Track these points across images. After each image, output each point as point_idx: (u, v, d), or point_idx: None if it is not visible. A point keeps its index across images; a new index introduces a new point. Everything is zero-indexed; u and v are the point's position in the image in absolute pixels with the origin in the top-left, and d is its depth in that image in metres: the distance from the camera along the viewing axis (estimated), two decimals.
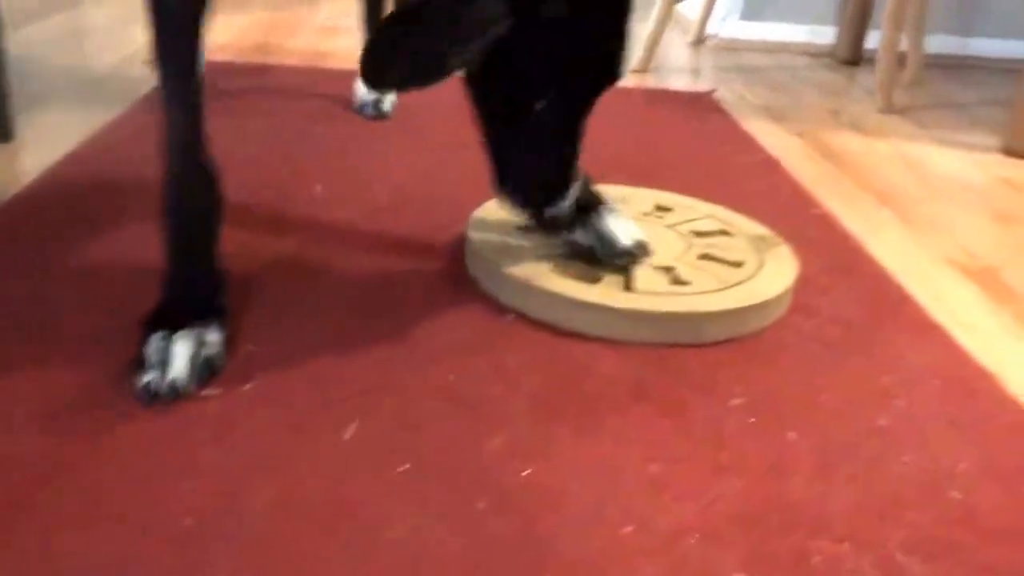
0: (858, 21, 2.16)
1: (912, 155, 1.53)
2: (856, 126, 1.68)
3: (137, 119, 1.36)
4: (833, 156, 1.49)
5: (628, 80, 1.87)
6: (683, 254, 0.98)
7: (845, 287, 1.00)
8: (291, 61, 1.81)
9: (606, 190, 0.99)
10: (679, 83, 1.89)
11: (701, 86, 1.86)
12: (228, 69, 1.69)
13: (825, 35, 2.26)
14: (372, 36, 0.71)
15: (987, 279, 1.08)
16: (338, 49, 1.95)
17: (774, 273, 0.95)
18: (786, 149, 1.50)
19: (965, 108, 1.89)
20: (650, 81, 1.88)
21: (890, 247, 1.14)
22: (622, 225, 0.94)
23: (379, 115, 1.48)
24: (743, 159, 1.41)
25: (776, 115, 1.70)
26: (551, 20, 0.79)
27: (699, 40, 2.26)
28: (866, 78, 2.06)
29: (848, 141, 1.58)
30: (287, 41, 1.99)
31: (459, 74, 0.82)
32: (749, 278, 0.94)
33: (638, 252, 0.93)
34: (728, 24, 2.27)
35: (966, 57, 2.31)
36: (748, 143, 1.50)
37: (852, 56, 2.18)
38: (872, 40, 2.16)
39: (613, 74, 0.84)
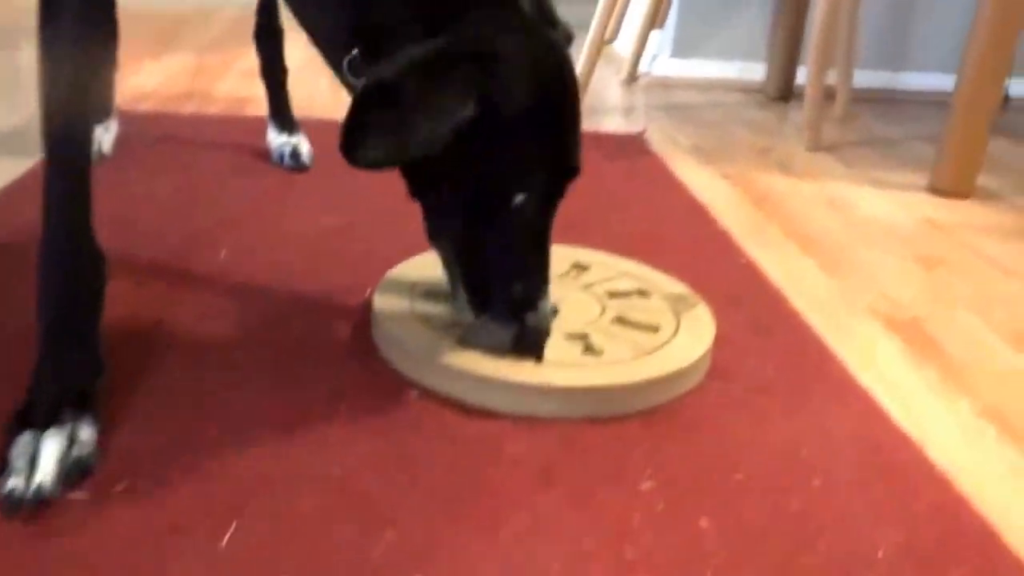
0: (787, 57, 2.17)
1: (838, 196, 1.52)
2: (784, 166, 1.67)
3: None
4: (760, 199, 1.48)
5: None
6: (597, 319, 0.94)
7: (766, 347, 0.97)
8: (215, 108, 1.75)
9: None
10: (611, 123, 1.88)
11: (632, 127, 1.84)
12: (146, 119, 1.63)
13: (756, 71, 2.27)
14: (350, 113, 0.70)
15: (911, 331, 1.06)
16: (261, 94, 1.91)
17: (691, 337, 0.92)
18: (714, 192, 1.48)
19: (894, 144, 1.90)
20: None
21: (814, 298, 1.12)
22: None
23: (298, 166, 1.43)
24: (670, 205, 1.39)
25: (705, 156, 1.69)
26: (521, 116, 0.77)
27: (632, 78, 2.26)
28: (797, 114, 2.06)
29: (775, 182, 1.57)
30: (214, 86, 1.94)
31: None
32: (664, 344, 0.90)
33: (544, 333, 0.85)
34: (660, 62, 2.27)
35: (897, 91, 2.33)
36: (676, 188, 1.48)
37: (782, 92, 2.19)
38: (803, 75, 2.16)
39: (572, 169, 0.82)
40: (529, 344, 0.84)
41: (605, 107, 2.02)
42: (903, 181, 1.63)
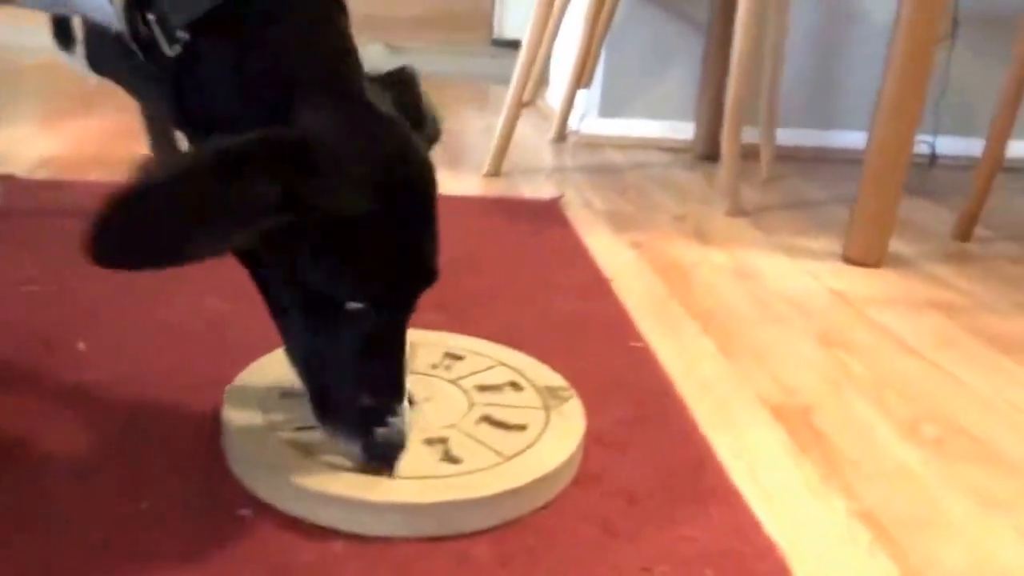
0: (714, 116, 2.17)
1: (749, 266, 1.50)
2: (700, 233, 1.65)
3: None
4: (666, 271, 1.45)
5: (474, 186, 1.82)
6: (461, 418, 0.90)
7: (642, 445, 0.94)
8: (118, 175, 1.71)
9: None
10: (531, 186, 1.86)
11: (550, 191, 1.82)
12: (39, 187, 1.58)
13: (685, 131, 2.26)
14: (101, 212, 0.61)
15: (798, 421, 1.03)
16: None
17: (557, 438, 0.88)
18: (621, 264, 1.46)
19: (816, 207, 1.89)
20: (499, 186, 1.84)
21: (704, 386, 1.09)
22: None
23: None
24: (572, 280, 1.36)
25: (619, 224, 1.67)
26: (351, 218, 0.69)
27: (560, 137, 2.25)
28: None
29: (686, 252, 1.55)
30: (129, 149, 1.90)
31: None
32: (529, 447, 0.86)
33: (396, 448, 0.79)
34: (588, 121, 2.26)
35: (827, 150, 2.34)
36: (581, 260, 1.45)
37: (710, 152, 2.18)
38: None
39: (425, 276, 0.75)
40: (379, 459, 0.78)
41: (528, 168, 2.00)
42: (819, 248, 1.62)
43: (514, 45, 3.03)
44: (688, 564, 0.77)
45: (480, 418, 0.91)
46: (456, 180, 1.86)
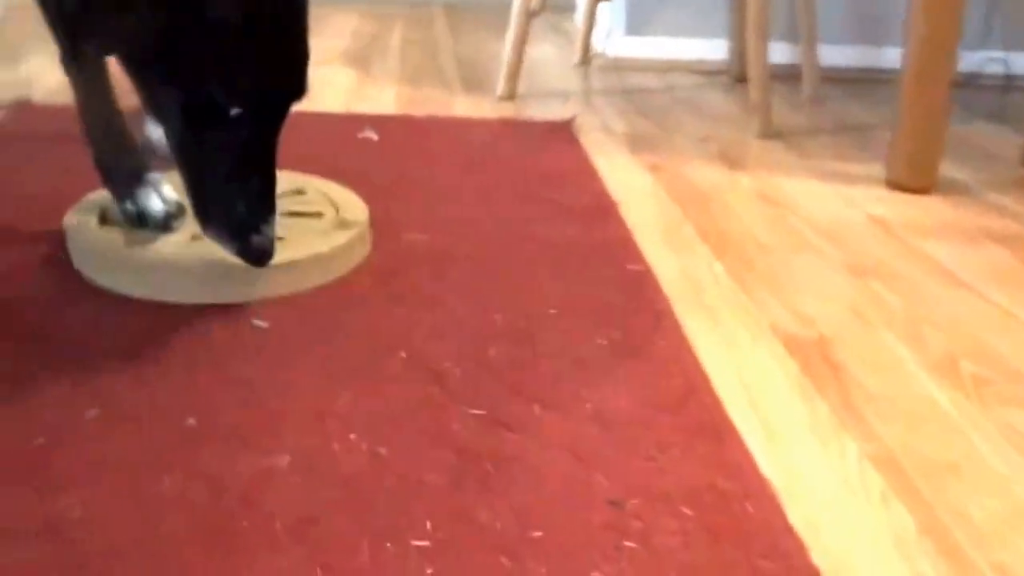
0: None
1: (779, 191, 1.35)
2: (726, 156, 1.50)
3: None
4: (684, 195, 1.31)
5: (486, 110, 1.69)
6: None
7: (625, 371, 0.82)
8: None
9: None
10: (546, 110, 1.72)
11: (568, 113, 1.68)
12: (49, 112, 1.50)
13: (719, 50, 2.08)
14: None
15: (813, 354, 0.90)
16: None
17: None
18: (633, 188, 1.32)
19: (862, 131, 1.71)
20: (512, 110, 1.70)
21: (709, 313, 0.96)
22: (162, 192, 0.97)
23: None
24: (573, 202, 1.23)
25: (636, 146, 1.52)
26: (221, 22, 0.76)
27: (584, 60, 2.09)
28: None
29: (710, 175, 1.40)
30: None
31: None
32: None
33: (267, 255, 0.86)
34: (613, 41, 2.09)
35: (881, 70, 2.13)
36: (588, 182, 1.32)
37: (745, 73, 2.00)
38: (775, 54, 1.98)
39: (294, 88, 0.82)
40: (253, 262, 0.86)
41: (547, 92, 1.86)
42: (861, 173, 1.46)
43: None
44: (663, 499, 0.65)
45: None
46: (469, 103, 1.73)
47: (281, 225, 0.90)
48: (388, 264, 1.01)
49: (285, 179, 1.07)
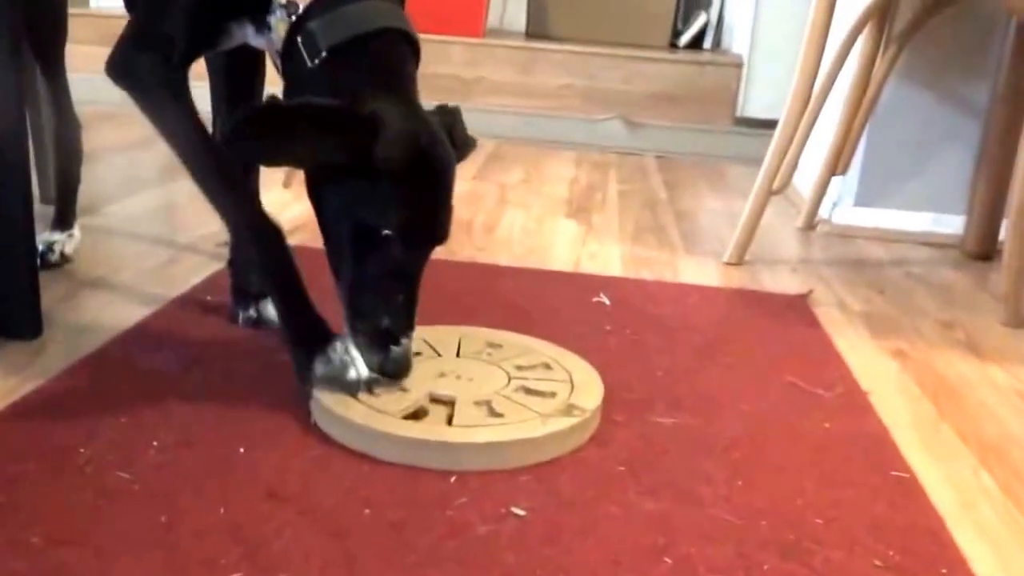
0: (989, 210, 1.94)
1: None
2: (972, 346, 1.45)
3: (172, 315, 1.33)
4: (935, 389, 1.27)
5: (713, 273, 1.72)
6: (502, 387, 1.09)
7: None
8: None
9: None
10: (776, 278, 1.73)
11: (796, 285, 1.68)
12: None
13: (952, 224, 2.04)
14: (243, 116, 0.96)
15: None
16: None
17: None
18: (880, 376, 1.30)
19: None
20: (740, 276, 1.72)
21: (983, 532, 0.92)
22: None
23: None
24: (823, 390, 1.22)
25: (876, 327, 1.50)
26: (395, 172, 0.98)
27: (809, 225, 2.09)
28: (999, 277, 1.82)
29: (958, 367, 1.36)
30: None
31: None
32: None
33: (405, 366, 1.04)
34: (841, 210, 2.09)
35: None
36: (835, 368, 1.31)
37: (983, 250, 1.95)
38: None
39: (437, 234, 1.03)
40: (392, 372, 1.02)
41: (772, 258, 1.87)
42: None
43: (759, 124, 2.92)
44: None
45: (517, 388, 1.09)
46: (695, 265, 1.77)
47: (511, 401, 1.04)
48: (638, 449, 1.03)
49: (536, 348, 1.21)
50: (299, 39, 1.01)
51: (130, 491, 0.88)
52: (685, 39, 3.41)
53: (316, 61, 1.00)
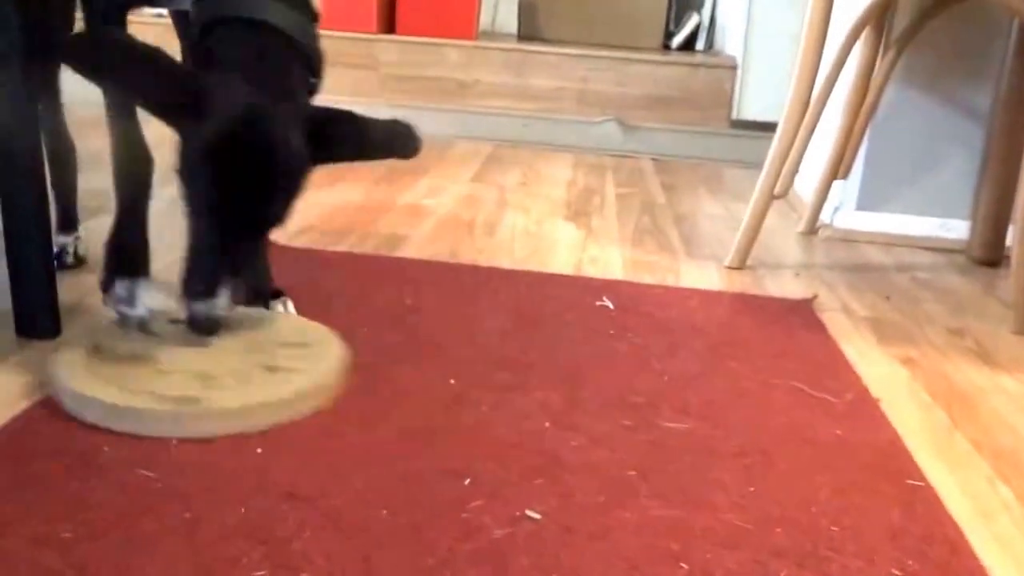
0: (994, 215, 1.92)
1: None
2: (983, 353, 1.43)
3: None
4: (947, 397, 1.25)
5: (715, 278, 1.70)
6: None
7: None
8: (365, 246, 1.74)
9: None
10: (779, 283, 1.70)
11: (800, 290, 1.66)
12: (291, 253, 1.64)
13: (957, 229, 2.02)
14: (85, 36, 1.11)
15: None
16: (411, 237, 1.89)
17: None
18: (889, 383, 1.27)
19: None
20: (743, 280, 1.70)
21: (1003, 545, 0.90)
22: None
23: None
24: (834, 397, 1.20)
25: (883, 333, 1.48)
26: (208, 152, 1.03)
27: (810, 230, 2.07)
28: (1006, 283, 1.80)
29: (969, 375, 1.33)
30: (374, 222, 1.94)
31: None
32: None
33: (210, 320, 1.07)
34: (842, 214, 2.07)
35: None
36: (844, 375, 1.28)
37: (989, 256, 1.93)
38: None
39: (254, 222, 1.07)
40: (196, 327, 1.08)
41: (774, 262, 1.85)
42: None
43: (755, 127, 2.90)
44: None
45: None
46: (696, 269, 1.74)
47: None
48: (651, 455, 1.01)
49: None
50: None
51: (153, 489, 0.87)
52: (677, 41, 3.39)
53: (195, 30, 1.09)
